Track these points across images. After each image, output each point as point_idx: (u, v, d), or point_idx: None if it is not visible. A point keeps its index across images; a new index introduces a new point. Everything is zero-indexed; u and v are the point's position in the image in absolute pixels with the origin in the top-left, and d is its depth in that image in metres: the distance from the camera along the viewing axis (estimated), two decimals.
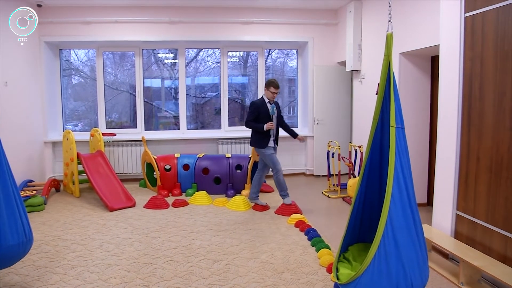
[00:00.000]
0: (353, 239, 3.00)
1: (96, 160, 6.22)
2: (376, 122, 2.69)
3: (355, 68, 6.55)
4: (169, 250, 4.04)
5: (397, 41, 4.93)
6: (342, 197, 6.13)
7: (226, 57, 7.69)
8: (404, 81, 5.32)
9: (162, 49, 7.68)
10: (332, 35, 7.55)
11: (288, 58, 8.18)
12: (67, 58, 7.54)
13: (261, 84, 7.80)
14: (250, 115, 5.26)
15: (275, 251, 4.00)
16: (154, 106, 7.82)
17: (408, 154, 2.56)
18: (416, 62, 5.35)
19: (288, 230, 4.65)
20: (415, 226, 2.44)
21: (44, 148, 7.04)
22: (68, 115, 7.63)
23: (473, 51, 3.52)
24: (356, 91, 6.83)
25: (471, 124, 3.56)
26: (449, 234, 3.80)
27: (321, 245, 4.01)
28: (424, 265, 2.47)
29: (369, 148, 2.73)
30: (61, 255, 3.90)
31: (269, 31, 7.36)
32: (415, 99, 5.41)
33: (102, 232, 4.59)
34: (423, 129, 5.50)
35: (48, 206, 5.64)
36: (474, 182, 3.52)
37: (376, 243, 2.36)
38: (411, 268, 2.35)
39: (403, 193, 2.42)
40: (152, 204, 5.60)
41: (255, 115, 5.22)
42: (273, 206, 5.56)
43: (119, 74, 7.70)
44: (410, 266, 2.35)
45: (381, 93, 2.62)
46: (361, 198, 2.83)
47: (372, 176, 2.81)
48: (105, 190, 5.74)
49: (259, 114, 5.22)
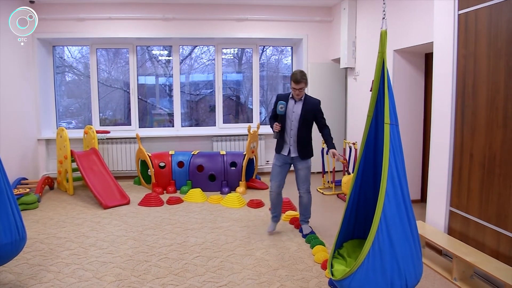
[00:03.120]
0: (347, 236, 3.01)
1: (90, 157, 6.19)
2: (370, 119, 2.69)
3: (350, 65, 6.56)
4: (163, 247, 4.03)
5: (391, 38, 4.94)
6: (337, 194, 6.14)
7: (220, 54, 7.67)
8: (398, 78, 5.33)
9: (156, 46, 7.64)
10: (327, 32, 7.55)
11: (283, 55, 8.17)
12: (61, 55, 7.48)
13: (256, 81, 7.79)
14: (272, 111, 4.32)
15: (270, 248, 4.01)
16: (148, 103, 7.79)
17: (402, 151, 2.57)
18: (410, 59, 5.36)
19: (283, 227, 4.66)
20: (409, 223, 2.46)
21: (37, 146, 6.99)
22: (61, 113, 7.58)
23: (467, 49, 3.53)
24: (351, 88, 6.83)
25: (465, 121, 3.58)
26: (443, 230, 3.82)
27: (316, 241, 4.02)
28: (418, 261, 2.49)
29: (364, 145, 2.73)
30: (55, 253, 3.89)
31: (263, 28, 7.35)
32: (409, 96, 5.42)
33: (96, 230, 4.57)
34: (417, 126, 5.52)
35: (42, 204, 5.61)
36: (468, 178, 3.55)
37: (370, 240, 2.37)
38: (405, 264, 2.37)
39: (397, 189, 2.44)
40: (146, 201, 5.58)
41: (273, 110, 4.23)
42: (268, 203, 5.54)
43: (113, 71, 7.66)
44: (404, 262, 2.36)
45: (375, 90, 2.62)
46: (355, 195, 2.83)
47: (366, 173, 2.81)
48: (99, 187, 5.71)
49: None
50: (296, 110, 4.06)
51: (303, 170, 4.18)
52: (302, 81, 3.92)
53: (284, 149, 4.15)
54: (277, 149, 4.21)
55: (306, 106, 4.06)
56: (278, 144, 4.20)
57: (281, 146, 4.17)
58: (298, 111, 4.06)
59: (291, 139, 4.11)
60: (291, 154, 4.13)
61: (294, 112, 4.06)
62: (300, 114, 4.05)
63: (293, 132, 4.09)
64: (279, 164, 4.20)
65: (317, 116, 4.12)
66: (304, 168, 4.16)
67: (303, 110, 4.05)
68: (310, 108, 4.06)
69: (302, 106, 4.06)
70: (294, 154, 4.13)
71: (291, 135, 4.10)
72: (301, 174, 4.21)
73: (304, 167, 4.16)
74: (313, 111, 4.08)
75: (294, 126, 4.08)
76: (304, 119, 4.05)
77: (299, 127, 4.07)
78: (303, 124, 4.07)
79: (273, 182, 4.24)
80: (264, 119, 8.13)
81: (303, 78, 3.93)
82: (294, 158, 4.16)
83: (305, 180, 4.21)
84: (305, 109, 4.05)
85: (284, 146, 4.15)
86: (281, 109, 4.00)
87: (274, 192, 4.27)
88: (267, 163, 7.60)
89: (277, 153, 4.21)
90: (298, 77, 3.92)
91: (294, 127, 4.08)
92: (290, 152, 4.13)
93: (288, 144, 4.13)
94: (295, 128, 4.08)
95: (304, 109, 4.05)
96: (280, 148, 4.18)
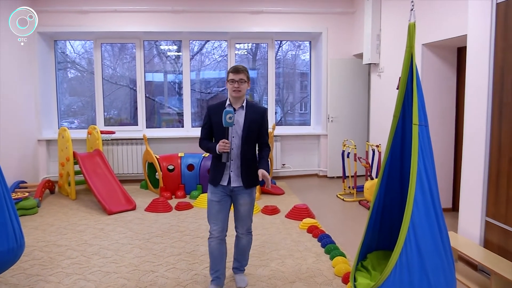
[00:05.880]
0: (371, 247, 2.98)
1: (94, 159, 6.24)
2: (396, 119, 2.69)
3: (373, 61, 6.50)
4: (171, 256, 4.04)
5: (420, 31, 4.88)
6: (359, 200, 6.09)
7: (233, 49, 7.68)
8: (428, 75, 5.27)
9: (165, 40, 7.69)
10: (348, 25, 7.50)
11: (300, 51, 8.15)
12: (63, 50, 7.58)
13: (271, 79, 7.78)
14: (202, 128, 3.42)
15: (286, 259, 3.98)
16: (156, 102, 7.84)
17: (432, 154, 2.54)
18: (441, 54, 5.29)
19: (300, 236, 4.63)
20: (440, 233, 2.42)
21: (37, 147, 7.09)
22: (63, 112, 7.68)
23: (506, 41, 3.46)
24: (374, 86, 6.78)
25: (503, 121, 3.50)
26: (478, 242, 3.74)
27: (336, 252, 3.98)
28: (451, 275, 2.44)
29: (389, 148, 2.72)
30: (55, 262, 3.92)
31: (279, 21, 7.33)
32: (440, 94, 5.35)
33: (100, 237, 4.60)
34: (449, 126, 5.44)
35: (42, 209, 5.67)
36: (506, 185, 3.46)
37: (397, 251, 2.34)
38: (436, 278, 2.33)
39: (427, 196, 2.41)
40: (153, 207, 5.60)
41: (206, 128, 3.36)
42: (283, 210, 5.52)
43: (118, 68, 7.73)
44: (435, 276, 2.33)
45: (402, 88, 2.61)
46: (380, 202, 2.81)
47: (392, 178, 2.80)
48: (103, 192, 5.75)
49: (212, 125, 3.32)
50: (237, 121, 3.24)
51: (246, 205, 3.34)
52: (242, 72, 3.22)
53: (223, 177, 3.26)
54: (212, 179, 3.31)
55: (250, 115, 3.28)
56: (214, 171, 3.32)
57: (219, 173, 3.27)
58: (239, 122, 3.26)
59: (232, 162, 3.26)
60: (232, 184, 3.26)
61: (235, 125, 3.22)
62: (242, 127, 3.25)
63: (235, 152, 3.25)
64: (217, 200, 3.28)
65: (261, 130, 3.34)
66: (248, 203, 3.35)
67: (247, 120, 3.26)
68: (254, 118, 3.28)
69: (244, 116, 3.27)
70: (236, 183, 3.27)
71: (232, 156, 3.26)
72: (243, 210, 3.36)
73: (248, 201, 3.34)
74: (257, 122, 3.29)
75: (236, 143, 3.25)
76: (248, 132, 3.25)
77: (242, 144, 3.25)
78: (247, 140, 3.26)
79: (213, 225, 3.33)
80: (280, 119, 8.11)
81: (244, 69, 3.26)
82: (236, 189, 3.29)
83: (247, 218, 3.41)
84: (249, 119, 3.27)
85: (224, 173, 3.26)
86: (229, 119, 3.09)
87: (216, 239, 3.33)
88: (283, 166, 7.58)
89: (214, 185, 3.31)
90: (238, 66, 3.25)
91: (236, 145, 3.25)
92: (231, 181, 3.26)
93: (229, 169, 3.27)
94: (236, 146, 3.25)
95: (247, 119, 3.27)
96: (217, 177, 3.28)
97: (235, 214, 3.42)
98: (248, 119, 3.27)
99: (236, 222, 3.45)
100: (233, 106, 3.27)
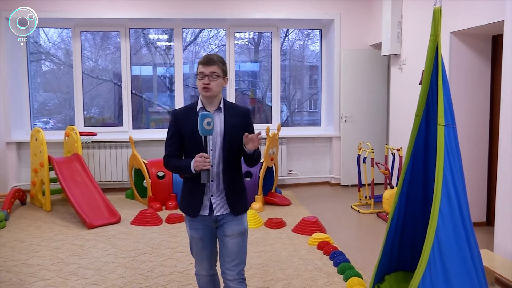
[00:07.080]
0: (390, 267, 2.98)
1: (72, 165, 6.26)
2: (419, 119, 2.69)
3: (394, 52, 6.51)
4: (161, 277, 4.04)
5: (447, 17, 4.88)
6: (377, 212, 6.09)
7: (232, 39, 7.70)
8: (456, 68, 5.26)
9: (154, 28, 7.73)
10: (365, 11, 7.52)
11: (310, 40, 8.18)
12: (36, 40, 7.61)
13: (276, 73, 7.79)
14: (166, 142, 2.91)
15: (293, 280, 3.98)
16: (144, 99, 7.87)
17: (460, 160, 2.54)
18: (472, 43, 5.28)
19: (308, 252, 4.63)
20: (470, 251, 2.42)
21: (6, 151, 7.09)
22: (37, 110, 7.71)
23: None
24: (395, 81, 6.79)
25: None
26: None
27: (351, 272, 3.97)
28: None
29: (411, 152, 2.72)
30: (26, 285, 3.91)
31: (285, 7, 7.35)
32: (471, 90, 5.34)
33: (79, 254, 4.61)
34: (481, 127, 5.42)
35: (11, 222, 5.68)
36: None
37: (420, 272, 2.34)
38: None
39: (454, 208, 2.41)
40: (141, 219, 5.61)
41: (174, 141, 2.86)
42: (290, 223, 5.53)
43: (100, 60, 7.76)
44: None
45: (426, 83, 2.61)
46: (400, 214, 2.82)
47: (414, 187, 2.80)
48: (83, 202, 5.76)
49: (181, 137, 2.84)
50: (215, 128, 2.69)
51: (235, 236, 2.83)
52: (215, 63, 2.73)
53: (203, 205, 2.79)
54: (188, 209, 2.87)
55: (230, 119, 2.82)
56: (188, 198, 2.87)
57: (196, 201, 2.80)
58: (218, 129, 2.77)
59: (212, 183, 2.79)
60: (215, 212, 2.79)
61: (209, 131, 2.64)
62: (223, 135, 2.79)
63: (214, 170, 2.77)
64: (199, 236, 2.85)
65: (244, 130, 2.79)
66: (238, 234, 2.83)
67: (227, 125, 2.80)
68: (236, 122, 2.82)
69: (224, 120, 2.81)
70: (220, 210, 2.81)
71: (212, 175, 2.75)
72: (232, 245, 2.83)
73: (238, 232, 2.83)
74: (240, 127, 2.80)
75: (216, 157, 2.78)
76: (231, 140, 2.79)
77: (224, 157, 2.79)
78: (230, 151, 2.80)
79: (199, 264, 2.95)
80: (286, 118, 8.12)
81: (219, 59, 2.79)
82: (221, 218, 2.82)
83: (237, 255, 2.85)
84: (230, 124, 2.80)
85: (203, 199, 2.79)
86: (208, 125, 2.59)
87: (205, 277, 2.99)
88: (289, 173, 7.58)
89: (191, 217, 2.84)
90: (211, 56, 2.79)
91: (216, 160, 2.78)
92: (213, 209, 2.79)
93: (209, 193, 2.80)
94: (217, 161, 2.78)
95: (228, 123, 2.80)
96: (194, 206, 2.81)
97: (221, 250, 2.89)
98: (228, 124, 2.80)
99: (223, 264, 2.86)
100: (206, 109, 2.78)
